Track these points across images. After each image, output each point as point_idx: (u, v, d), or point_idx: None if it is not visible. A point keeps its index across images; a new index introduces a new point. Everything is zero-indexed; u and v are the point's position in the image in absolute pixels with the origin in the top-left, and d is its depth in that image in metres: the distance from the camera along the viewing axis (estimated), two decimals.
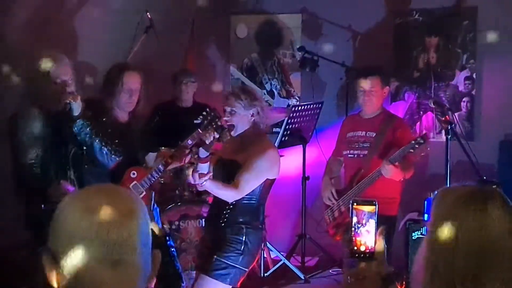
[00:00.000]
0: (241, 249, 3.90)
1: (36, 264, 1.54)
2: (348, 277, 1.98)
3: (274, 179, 4.03)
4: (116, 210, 1.48)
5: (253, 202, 3.97)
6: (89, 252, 1.45)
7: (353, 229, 1.96)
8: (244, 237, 3.92)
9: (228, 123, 3.98)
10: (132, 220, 1.49)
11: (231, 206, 3.94)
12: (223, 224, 3.94)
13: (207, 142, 3.92)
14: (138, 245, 1.49)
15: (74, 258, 1.45)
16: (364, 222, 1.96)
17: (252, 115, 3.98)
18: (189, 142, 4.28)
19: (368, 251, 1.95)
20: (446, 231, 1.71)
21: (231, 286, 3.92)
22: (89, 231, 1.45)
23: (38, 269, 1.51)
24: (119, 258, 1.46)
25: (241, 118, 3.98)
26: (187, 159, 4.29)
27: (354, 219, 1.95)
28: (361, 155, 4.85)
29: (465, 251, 1.67)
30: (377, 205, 1.95)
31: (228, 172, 3.97)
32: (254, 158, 3.90)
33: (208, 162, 3.99)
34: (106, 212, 1.47)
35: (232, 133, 3.99)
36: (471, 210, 1.70)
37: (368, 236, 1.96)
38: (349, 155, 4.95)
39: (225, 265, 3.86)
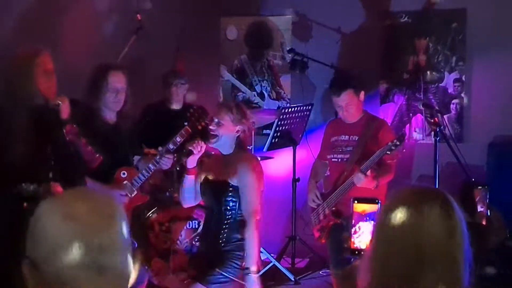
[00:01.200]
0: (242, 264, 3.93)
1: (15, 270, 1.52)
2: (340, 274, 1.98)
3: (262, 190, 4.08)
4: (97, 214, 1.46)
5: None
6: (73, 259, 1.42)
7: (352, 226, 1.96)
8: (244, 252, 3.95)
9: (212, 133, 4.01)
10: (113, 224, 1.47)
11: (227, 225, 3.97)
12: (222, 244, 3.97)
13: (195, 152, 3.97)
14: (120, 248, 1.47)
15: (57, 266, 1.42)
16: (364, 220, 1.96)
17: (238, 131, 4.03)
18: (178, 139, 4.30)
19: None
20: (383, 232, 1.74)
21: None
22: (72, 238, 1.42)
23: (17, 276, 1.48)
24: (104, 264, 1.44)
25: (226, 131, 4.02)
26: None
27: (355, 217, 1.95)
28: (344, 159, 4.86)
29: (399, 252, 1.69)
30: (379, 203, 1.95)
31: (218, 192, 4.02)
32: (246, 177, 3.95)
33: (194, 175, 4.07)
34: (87, 218, 1.44)
35: (213, 142, 4.02)
36: (406, 212, 1.72)
37: (368, 234, 1.96)
38: (333, 159, 4.96)
39: (226, 279, 3.89)
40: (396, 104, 6.42)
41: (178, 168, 5.18)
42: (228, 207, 3.98)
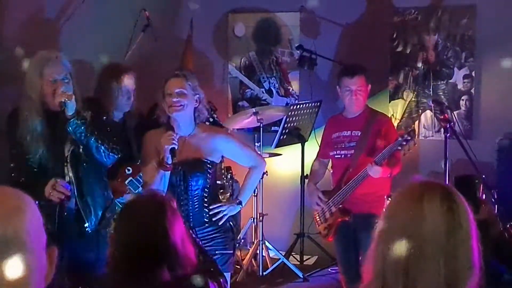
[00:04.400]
0: (233, 236, 4.00)
1: None
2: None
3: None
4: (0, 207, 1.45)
5: (216, 184, 4.16)
6: None
7: None
8: (228, 223, 3.95)
9: (177, 104, 3.79)
10: (18, 217, 1.44)
11: (196, 204, 3.86)
12: (192, 225, 3.82)
13: (176, 146, 3.77)
14: (27, 242, 1.44)
15: None
16: None
17: (197, 101, 3.88)
18: None
19: None
20: (385, 227, 1.73)
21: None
22: None
23: None
24: (5, 256, 1.41)
25: (189, 101, 3.83)
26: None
27: None
28: (348, 155, 4.82)
29: (399, 246, 1.67)
30: None
31: (194, 169, 3.86)
32: (230, 144, 4.01)
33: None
34: None
35: (180, 111, 3.80)
36: (406, 206, 1.71)
37: None
38: (336, 156, 4.91)
39: (227, 256, 3.88)
40: (405, 101, 6.39)
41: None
42: (193, 184, 3.85)
